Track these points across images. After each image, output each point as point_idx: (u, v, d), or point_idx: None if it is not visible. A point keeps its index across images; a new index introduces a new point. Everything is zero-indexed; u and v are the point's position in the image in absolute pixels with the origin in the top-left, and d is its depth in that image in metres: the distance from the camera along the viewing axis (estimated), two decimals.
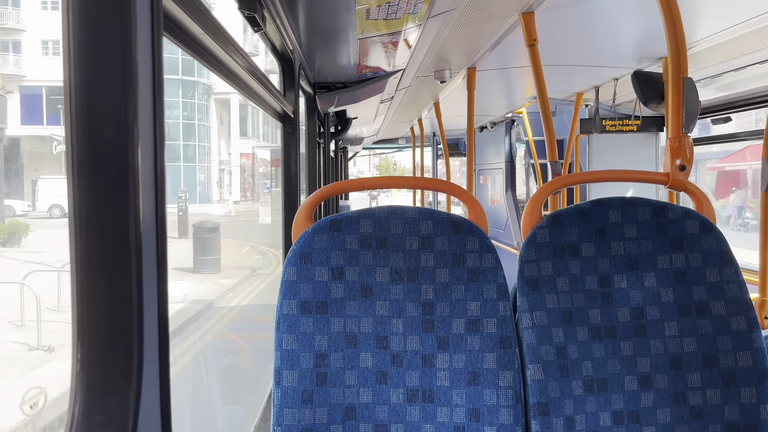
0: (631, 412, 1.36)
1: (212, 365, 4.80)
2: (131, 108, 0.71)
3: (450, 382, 1.32)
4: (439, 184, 1.58)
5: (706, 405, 1.37)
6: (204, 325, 5.87)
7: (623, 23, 2.91)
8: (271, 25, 2.00)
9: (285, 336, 1.31)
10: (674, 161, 1.62)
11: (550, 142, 2.77)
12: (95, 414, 0.71)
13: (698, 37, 2.93)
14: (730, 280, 1.42)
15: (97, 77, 0.70)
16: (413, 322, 1.34)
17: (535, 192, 1.52)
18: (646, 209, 1.45)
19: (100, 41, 0.70)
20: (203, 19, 1.10)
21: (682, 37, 1.70)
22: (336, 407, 1.30)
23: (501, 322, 1.33)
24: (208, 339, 5.60)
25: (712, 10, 2.62)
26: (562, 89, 4.83)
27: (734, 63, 3.40)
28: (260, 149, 23.58)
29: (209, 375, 4.61)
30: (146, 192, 0.74)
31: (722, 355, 1.38)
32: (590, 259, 1.43)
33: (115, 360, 0.72)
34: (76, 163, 0.70)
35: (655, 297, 1.42)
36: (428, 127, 8.70)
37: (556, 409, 1.31)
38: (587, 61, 3.84)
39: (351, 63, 3.17)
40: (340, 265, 1.34)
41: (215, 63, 1.40)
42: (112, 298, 0.72)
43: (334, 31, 2.47)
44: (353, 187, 1.64)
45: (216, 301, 7.41)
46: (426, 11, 2.35)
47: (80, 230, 0.70)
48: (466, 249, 1.36)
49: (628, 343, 1.39)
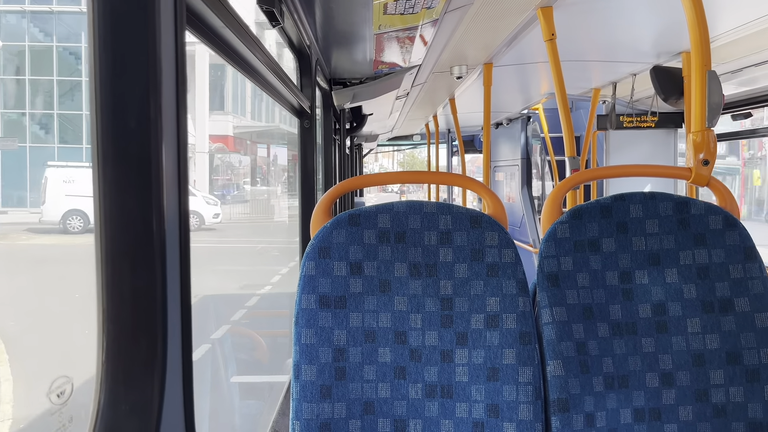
0: (653, 409, 1.35)
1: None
2: (155, 101, 0.72)
3: (469, 378, 1.32)
4: (458, 179, 1.58)
5: (728, 403, 1.35)
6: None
7: (642, 18, 2.88)
8: (288, 20, 2.00)
9: (304, 330, 1.31)
10: (697, 155, 1.60)
11: (568, 138, 2.75)
12: (120, 404, 0.72)
13: (719, 32, 2.89)
14: (754, 276, 1.40)
15: (122, 70, 0.70)
16: (432, 318, 1.34)
17: (552, 188, 1.51)
18: (668, 204, 1.43)
19: (124, 35, 0.70)
20: (224, 12, 1.10)
21: (705, 29, 1.67)
22: (355, 402, 1.31)
23: (521, 318, 1.33)
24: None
25: (734, 3, 2.58)
26: (579, 85, 4.79)
27: (756, 57, 3.35)
28: (245, 131, 17.76)
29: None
30: (170, 185, 0.75)
31: (746, 352, 1.37)
32: (611, 254, 1.42)
33: (139, 351, 0.73)
34: (101, 156, 0.70)
35: (677, 293, 1.40)
36: (443, 124, 8.68)
37: (576, 405, 1.30)
38: (605, 56, 3.80)
39: (367, 59, 3.17)
40: (359, 259, 1.34)
41: (235, 57, 1.40)
42: (136, 291, 0.73)
43: (351, 26, 2.46)
44: (372, 182, 1.64)
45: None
46: (443, 6, 2.34)
47: (105, 223, 0.71)
48: (485, 244, 1.36)
49: (649, 339, 1.38)
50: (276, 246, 13.88)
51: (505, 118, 7.32)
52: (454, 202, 10.14)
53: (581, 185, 4.48)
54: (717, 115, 1.64)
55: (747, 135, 4.87)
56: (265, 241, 14.44)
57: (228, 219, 14.72)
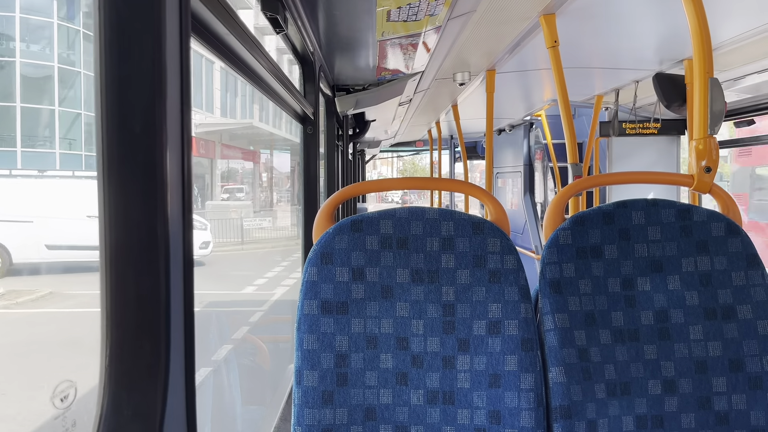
0: (655, 416, 1.34)
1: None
2: (160, 107, 0.72)
3: (471, 384, 1.31)
4: (460, 186, 1.58)
5: (731, 410, 1.35)
6: None
7: (644, 25, 2.89)
8: (292, 27, 2.01)
9: (306, 336, 1.31)
10: (699, 163, 1.60)
11: (571, 145, 2.75)
12: (123, 408, 0.72)
13: (722, 39, 2.90)
14: (756, 283, 1.40)
15: (128, 76, 0.71)
16: (434, 324, 1.34)
17: (555, 195, 1.51)
18: (670, 211, 1.44)
19: (130, 41, 0.71)
20: (229, 20, 1.11)
21: (707, 37, 1.68)
22: (356, 408, 1.30)
23: (523, 324, 1.33)
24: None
25: (736, 11, 2.58)
26: (582, 92, 4.79)
27: (758, 65, 3.35)
28: (213, 131, 13.91)
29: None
30: (174, 190, 0.75)
31: (748, 359, 1.36)
32: (613, 261, 1.42)
33: (143, 356, 0.73)
34: (107, 162, 0.71)
35: (680, 300, 1.40)
36: (446, 130, 8.69)
37: (579, 412, 1.30)
38: (607, 63, 3.81)
39: (370, 65, 3.18)
40: (361, 265, 1.34)
41: (239, 64, 1.41)
42: (140, 295, 0.73)
43: (354, 33, 2.47)
44: (374, 188, 1.65)
45: None
46: (446, 13, 2.35)
47: (110, 227, 0.71)
48: (487, 250, 1.36)
49: (651, 346, 1.38)
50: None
51: (508, 124, 7.33)
52: (456, 209, 10.13)
53: (584, 192, 4.48)
54: (719, 122, 1.64)
55: (749, 142, 4.87)
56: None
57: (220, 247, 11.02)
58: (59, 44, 9.82)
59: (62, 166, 9.66)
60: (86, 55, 9.92)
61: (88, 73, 10.17)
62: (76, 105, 10.16)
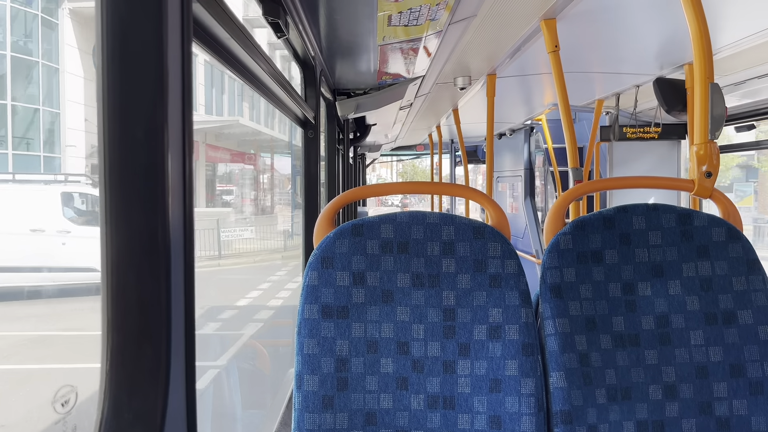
0: (656, 422, 1.34)
1: None
2: (161, 111, 0.72)
3: (471, 389, 1.31)
4: (461, 190, 1.58)
5: (732, 416, 1.35)
6: None
7: (645, 30, 2.89)
8: (293, 31, 2.02)
9: (306, 340, 1.31)
10: (700, 168, 1.60)
11: (572, 149, 2.76)
12: (124, 412, 0.72)
13: (722, 44, 2.90)
14: (757, 288, 1.40)
15: (129, 80, 0.71)
16: (434, 328, 1.34)
17: (555, 199, 1.51)
18: (671, 216, 1.44)
19: (132, 45, 0.71)
20: (230, 24, 1.11)
21: (708, 41, 1.68)
22: (357, 412, 1.30)
23: (524, 329, 1.33)
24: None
25: (737, 16, 2.59)
26: (582, 96, 4.80)
27: (759, 70, 3.35)
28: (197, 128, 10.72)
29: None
30: (175, 195, 0.75)
31: (749, 364, 1.36)
32: (614, 266, 1.42)
33: (143, 360, 0.73)
34: (108, 166, 0.71)
35: (680, 305, 1.40)
36: (446, 134, 8.70)
37: (579, 417, 1.30)
38: (608, 68, 3.82)
39: (371, 70, 3.18)
40: (362, 269, 1.34)
41: (240, 68, 1.41)
42: (141, 299, 0.73)
43: (355, 37, 2.48)
44: (375, 192, 1.65)
45: None
46: (447, 18, 2.35)
47: (111, 232, 0.71)
48: (488, 255, 1.36)
49: (652, 351, 1.37)
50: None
51: (508, 128, 7.33)
52: (455, 213, 10.14)
53: (584, 196, 4.48)
54: (720, 127, 1.64)
55: (750, 147, 4.87)
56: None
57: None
58: (13, 31, 8.48)
59: (15, 168, 8.47)
60: (46, 43, 8.65)
61: (47, 63, 8.96)
62: (34, 101, 8.88)
